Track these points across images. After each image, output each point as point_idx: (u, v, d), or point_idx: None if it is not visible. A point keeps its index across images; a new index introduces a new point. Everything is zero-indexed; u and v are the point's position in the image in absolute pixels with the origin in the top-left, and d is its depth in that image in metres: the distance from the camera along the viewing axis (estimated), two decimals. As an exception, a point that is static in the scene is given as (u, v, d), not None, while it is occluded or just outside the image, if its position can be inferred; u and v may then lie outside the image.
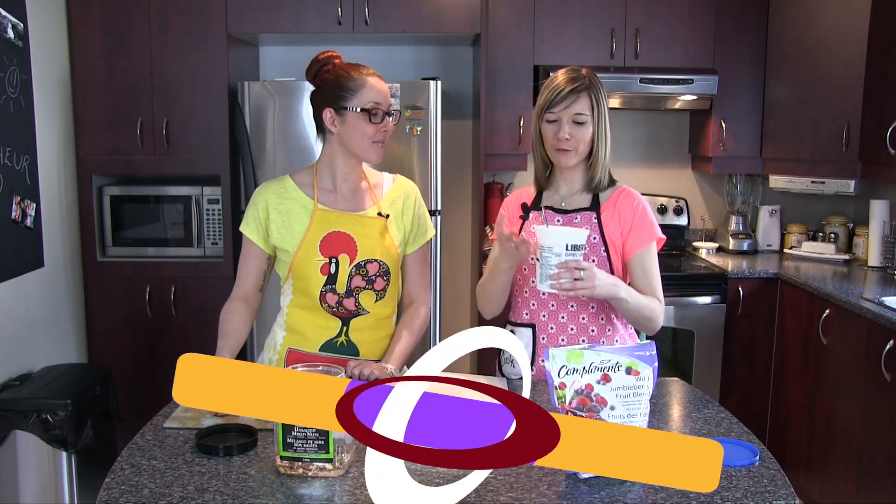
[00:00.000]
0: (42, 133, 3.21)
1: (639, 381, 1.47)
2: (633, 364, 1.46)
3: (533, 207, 2.07)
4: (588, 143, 1.99)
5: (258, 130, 3.43)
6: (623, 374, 1.46)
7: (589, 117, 1.97)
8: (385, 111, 1.94)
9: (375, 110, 1.92)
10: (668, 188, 4.21)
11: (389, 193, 2.06)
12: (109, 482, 1.39)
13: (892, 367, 2.68)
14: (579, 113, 1.96)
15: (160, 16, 3.41)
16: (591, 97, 1.97)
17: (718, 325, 3.56)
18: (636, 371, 1.47)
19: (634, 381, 1.47)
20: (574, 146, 1.98)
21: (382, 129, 1.95)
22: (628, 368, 1.46)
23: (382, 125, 1.94)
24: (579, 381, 1.45)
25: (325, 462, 1.40)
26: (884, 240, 3.52)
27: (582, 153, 2.00)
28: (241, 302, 2.02)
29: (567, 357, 1.44)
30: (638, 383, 1.47)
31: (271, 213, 1.99)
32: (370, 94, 1.92)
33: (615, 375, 1.46)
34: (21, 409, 2.76)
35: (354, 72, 1.94)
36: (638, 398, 1.47)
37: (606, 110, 2.00)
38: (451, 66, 4.04)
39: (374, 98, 1.92)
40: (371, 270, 1.98)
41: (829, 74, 3.55)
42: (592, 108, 1.97)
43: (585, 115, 1.96)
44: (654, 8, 3.71)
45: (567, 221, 2.01)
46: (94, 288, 3.53)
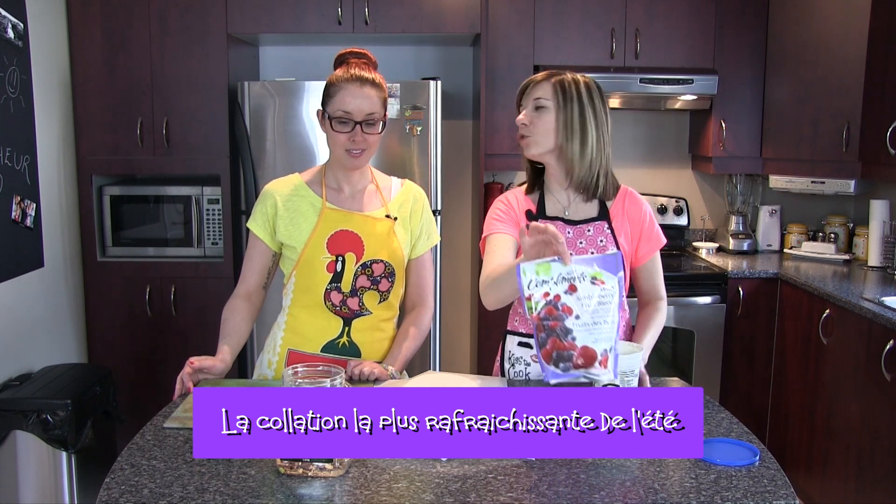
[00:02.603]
0: (42, 133, 3.21)
1: (604, 291, 1.52)
2: (597, 274, 1.52)
3: (538, 215, 1.99)
4: (550, 132, 1.91)
5: (258, 130, 3.43)
6: (588, 283, 1.52)
7: (550, 103, 1.91)
8: (358, 121, 1.91)
9: (344, 119, 1.91)
10: (668, 188, 4.21)
11: (398, 197, 2.06)
12: (109, 482, 1.39)
13: (892, 367, 2.68)
14: (539, 97, 1.92)
15: (160, 16, 3.41)
16: (556, 86, 1.91)
17: (718, 325, 3.56)
18: (601, 281, 1.52)
19: (600, 291, 1.52)
20: (532, 132, 1.93)
21: (352, 139, 1.92)
22: (593, 278, 1.52)
23: (352, 135, 1.91)
24: (548, 291, 1.51)
25: (324, 462, 1.40)
26: (884, 240, 3.52)
27: (544, 143, 1.92)
28: (243, 300, 2.02)
29: (536, 270, 1.51)
30: (603, 292, 1.52)
31: (279, 209, 1.98)
32: (340, 104, 1.91)
33: (581, 285, 1.52)
34: (21, 409, 2.76)
35: (339, 79, 1.93)
36: (604, 307, 1.52)
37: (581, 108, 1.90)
38: (451, 66, 4.04)
39: (344, 107, 1.91)
40: (377, 271, 1.98)
41: (829, 74, 3.55)
42: (556, 95, 1.90)
43: (546, 100, 1.91)
44: (654, 8, 3.71)
45: (579, 233, 1.95)
46: (94, 288, 3.53)
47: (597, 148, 1.92)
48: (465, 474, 1.41)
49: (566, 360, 1.53)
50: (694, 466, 1.46)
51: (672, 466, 1.45)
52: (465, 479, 1.39)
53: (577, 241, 1.96)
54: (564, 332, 1.52)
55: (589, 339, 1.53)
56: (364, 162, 1.98)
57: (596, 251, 1.92)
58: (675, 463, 1.47)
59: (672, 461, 1.47)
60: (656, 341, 1.99)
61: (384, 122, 1.98)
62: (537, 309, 1.52)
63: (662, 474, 1.42)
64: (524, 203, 2.02)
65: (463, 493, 1.35)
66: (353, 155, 1.94)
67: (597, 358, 1.53)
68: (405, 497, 1.34)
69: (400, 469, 1.43)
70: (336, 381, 1.43)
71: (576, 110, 1.90)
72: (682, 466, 1.46)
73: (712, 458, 1.47)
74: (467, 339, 4.25)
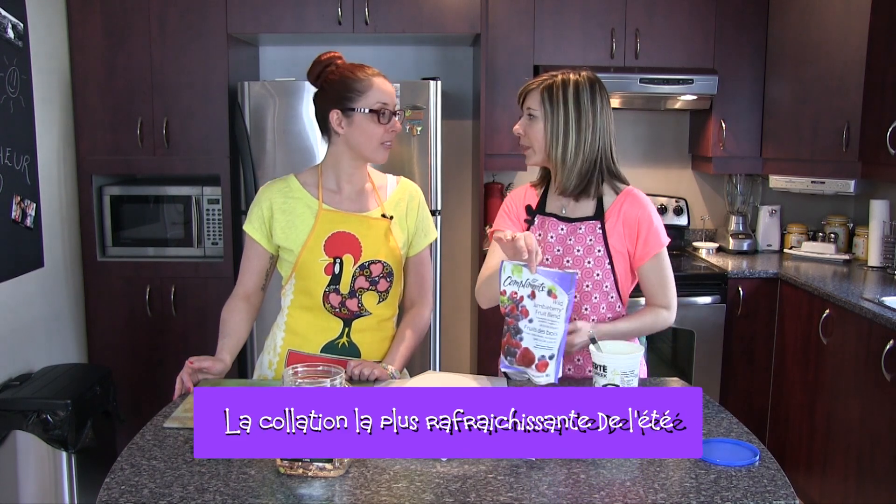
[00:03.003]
0: (42, 133, 3.21)
1: (555, 304, 1.68)
2: (553, 288, 1.68)
3: (538, 211, 2.03)
4: (541, 142, 1.94)
5: (258, 130, 3.43)
6: (545, 294, 1.69)
7: (539, 112, 1.92)
8: (392, 111, 1.94)
9: (384, 110, 1.92)
10: (668, 188, 4.21)
11: (394, 195, 2.06)
12: (109, 482, 1.39)
13: (892, 367, 2.68)
14: (529, 107, 1.95)
15: (160, 16, 3.41)
16: (543, 94, 1.92)
17: (718, 325, 3.56)
18: (555, 295, 1.69)
19: (552, 303, 1.69)
20: (528, 143, 1.96)
21: (390, 130, 1.94)
22: (549, 290, 1.69)
23: (390, 126, 1.94)
24: (516, 291, 1.71)
25: (324, 462, 1.40)
26: (884, 240, 3.52)
27: (539, 153, 1.96)
28: (242, 301, 2.02)
29: (512, 270, 1.72)
30: (554, 305, 1.69)
31: (275, 212, 1.98)
32: (377, 94, 1.92)
33: (539, 294, 1.70)
34: (21, 409, 2.76)
35: (360, 72, 1.94)
36: (553, 318, 1.69)
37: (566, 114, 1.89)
38: (451, 66, 4.04)
39: (382, 98, 1.92)
40: (375, 271, 1.98)
41: (829, 74, 3.55)
42: (543, 103, 1.91)
43: (535, 109, 1.93)
44: (654, 8, 3.71)
45: (571, 231, 1.97)
46: (94, 288, 3.53)
47: (576, 152, 1.90)
48: (465, 474, 1.41)
49: (511, 356, 1.74)
50: (694, 466, 1.46)
51: (672, 466, 1.45)
52: (465, 479, 1.39)
53: (568, 238, 1.97)
54: (516, 330, 1.73)
55: (531, 343, 1.71)
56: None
57: (583, 250, 1.95)
58: (675, 463, 1.47)
59: (672, 461, 1.47)
60: (656, 341, 1.99)
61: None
62: (505, 304, 1.73)
63: (662, 474, 1.42)
64: (527, 198, 2.07)
65: (463, 493, 1.35)
66: (388, 146, 1.97)
67: (534, 361, 1.71)
68: (405, 497, 1.34)
69: (400, 469, 1.43)
70: (336, 381, 1.43)
71: (560, 117, 1.91)
72: (682, 466, 1.46)
73: (712, 458, 1.47)
74: (467, 339, 4.25)
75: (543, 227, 2.00)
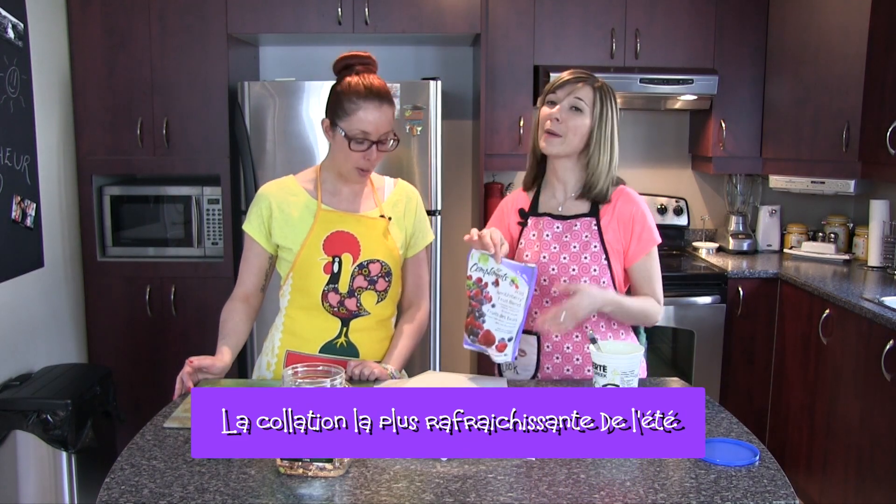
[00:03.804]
0: (42, 133, 3.21)
1: (517, 293, 1.81)
2: (515, 279, 1.81)
3: (530, 213, 2.05)
4: (581, 137, 1.94)
5: (258, 130, 3.43)
6: (508, 283, 1.82)
7: (588, 108, 1.93)
8: (373, 141, 1.90)
9: (362, 139, 1.90)
10: (668, 188, 4.21)
11: (391, 196, 2.07)
12: (109, 482, 1.39)
13: (892, 367, 2.68)
14: (579, 98, 1.93)
15: (160, 16, 3.41)
16: (597, 92, 1.94)
17: (718, 325, 3.56)
18: (517, 285, 1.81)
19: (514, 292, 1.81)
20: (563, 132, 1.93)
21: (366, 158, 1.92)
22: (512, 281, 1.81)
23: (367, 153, 1.91)
24: (481, 277, 1.84)
25: (324, 462, 1.40)
26: (884, 240, 3.52)
27: (571, 145, 1.94)
28: (241, 301, 2.02)
29: (479, 258, 1.84)
30: (516, 294, 1.81)
31: (274, 211, 1.98)
32: (358, 123, 1.89)
33: (502, 283, 1.83)
34: (21, 409, 2.76)
35: (354, 94, 1.89)
36: (514, 306, 1.81)
37: (613, 120, 1.95)
38: (451, 66, 4.04)
39: (362, 127, 1.89)
40: (373, 271, 1.98)
41: (829, 74, 3.55)
42: (594, 102, 1.93)
43: (584, 102, 1.93)
44: (654, 8, 3.71)
45: (567, 228, 1.98)
46: (94, 288, 3.53)
47: (610, 159, 1.97)
48: (465, 474, 1.41)
49: (474, 335, 1.87)
50: (694, 466, 1.46)
51: (672, 466, 1.45)
52: (465, 479, 1.39)
53: (564, 235, 1.98)
54: (479, 314, 1.86)
55: (493, 326, 1.84)
56: (369, 176, 2.01)
57: (579, 246, 1.96)
58: (675, 463, 1.47)
59: (672, 461, 1.47)
60: (656, 341, 2.00)
61: (396, 139, 1.97)
62: (471, 287, 1.86)
63: (662, 474, 1.42)
64: (518, 202, 2.08)
65: (463, 493, 1.35)
66: (364, 173, 1.95)
67: (494, 342, 1.85)
68: (405, 497, 1.34)
69: (400, 469, 1.44)
70: (336, 381, 1.43)
71: (610, 123, 1.95)
72: (682, 466, 1.46)
73: (712, 458, 1.47)
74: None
75: (538, 227, 2.01)
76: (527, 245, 2.02)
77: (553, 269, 1.98)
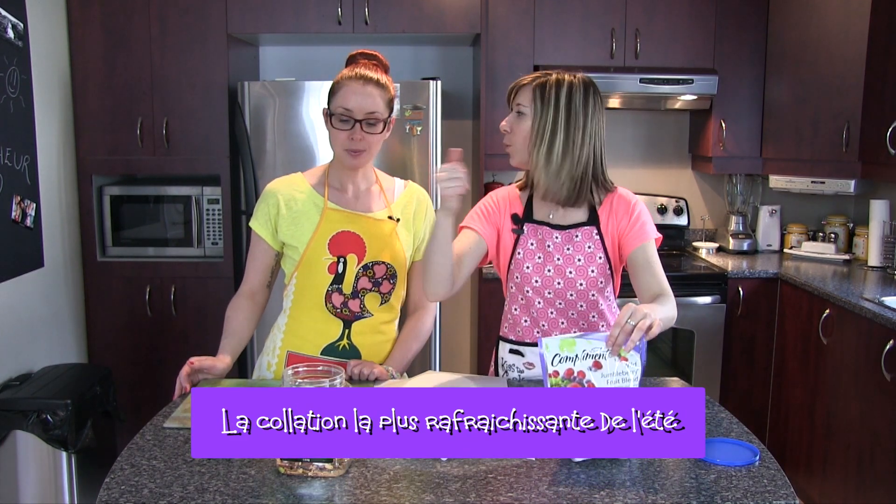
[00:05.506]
0: (42, 133, 3.21)
1: (627, 367, 1.53)
2: (621, 350, 1.52)
3: (525, 219, 1.95)
4: (525, 140, 1.86)
5: (258, 130, 3.43)
6: (613, 360, 1.52)
7: (528, 109, 1.84)
8: (358, 119, 1.89)
9: (345, 117, 1.89)
10: (668, 188, 4.21)
11: (401, 198, 2.05)
12: (109, 482, 1.39)
13: (892, 367, 2.68)
14: (519, 103, 1.87)
15: (160, 16, 3.41)
16: (536, 91, 1.84)
17: (718, 325, 3.56)
18: (624, 357, 1.52)
19: (624, 367, 1.53)
20: (511, 140, 1.89)
21: (350, 138, 1.90)
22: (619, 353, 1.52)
23: (352, 133, 1.89)
24: (572, 368, 1.51)
25: (324, 462, 1.40)
26: (884, 240, 3.52)
27: (521, 151, 1.87)
28: (247, 299, 2.02)
29: (560, 346, 1.51)
30: (626, 369, 1.53)
31: (281, 208, 1.98)
32: (341, 99, 1.89)
33: (605, 362, 1.52)
34: (21, 409, 2.76)
35: (344, 77, 1.92)
36: (627, 383, 1.53)
37: (552, 114, 1.82)
38: (451, 66, 4.04)
39: (345, 104, 1.89)
40: (378, 273, 1.97)
41: (829, 74, 3.55)
42: (534, 100, 1.83)
43: (524, 106, 1.86)
44: (654, 8, 3.71)
45: (567, 239, 1.90)
46: (94, 288, 3.53)
47: (562, 155, 1.83)
48: (465, 474, 1.41)
49: None
50: (694, 466, 1.46)
51: (672, 466, 1.45)
52: (465, 479, 1.39)
53: (565, 246, 1.91)
54: None
55: None
56: (364, 162, 1.96)
57: (583, 258, 1.90)
58: (675, 463, 1.47)
59: (672, 461, 1.47)
60: (656, 341, 1.98)
61: (387, 124, 1.95)
62: (559, 386, 1.51)
63: (662, 474, 1.42)
64: (512, 205, 1.97)
65: (463, 493, 1.35)
66: (353, 154, 1.92)
67: None
68: (405, 497, 1.34)
69: (400, 469, 1.43)
70: (336, 381, 1.43)
71: (549, 116, 1.82)
72: (682, 466, 1.46)
73: (712, 458, 1.47)
74: (467, 339, 4.25)
75: (537, 236, 1.93)
76: (526, 256, 1.93)
77: (559, 284, 1.91)
